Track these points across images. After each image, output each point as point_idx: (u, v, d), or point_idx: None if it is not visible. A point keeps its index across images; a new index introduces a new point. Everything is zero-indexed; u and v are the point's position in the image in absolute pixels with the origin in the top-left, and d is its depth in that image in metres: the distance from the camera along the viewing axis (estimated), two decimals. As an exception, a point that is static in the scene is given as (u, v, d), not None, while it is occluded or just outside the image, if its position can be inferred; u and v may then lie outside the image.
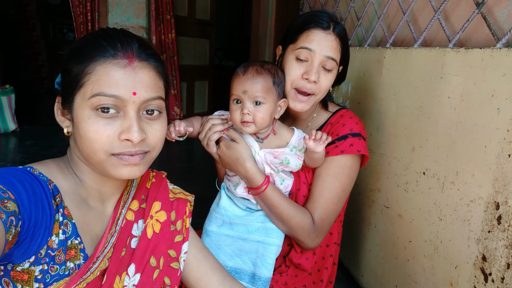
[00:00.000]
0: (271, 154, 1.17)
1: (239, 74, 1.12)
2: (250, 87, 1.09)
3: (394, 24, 1.59)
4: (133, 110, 0.73)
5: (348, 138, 1.20)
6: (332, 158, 1.21)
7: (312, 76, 1.15)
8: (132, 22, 4.07)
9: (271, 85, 1.12)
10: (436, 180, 1.18)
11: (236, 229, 1.24)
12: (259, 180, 1.16)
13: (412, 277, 1.31)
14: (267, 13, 4.00)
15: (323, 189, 1.20)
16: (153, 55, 0.78)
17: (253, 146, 1.18)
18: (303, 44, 1.17)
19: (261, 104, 1.11)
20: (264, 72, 1.12)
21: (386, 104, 1.46)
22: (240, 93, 1.10)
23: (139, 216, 0.89)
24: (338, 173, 1.20)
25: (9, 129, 4.12)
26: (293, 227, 1.18)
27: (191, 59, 4.85)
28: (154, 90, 0.77)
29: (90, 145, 0.73)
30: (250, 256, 1.22)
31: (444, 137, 1.15)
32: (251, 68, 1.12)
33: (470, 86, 1.05)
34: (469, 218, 1.05)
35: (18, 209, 0.64)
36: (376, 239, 1.55)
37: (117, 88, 0.72)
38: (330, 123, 1.27)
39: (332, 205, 1.21)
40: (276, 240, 1.21)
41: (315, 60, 1.16)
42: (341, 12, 2.07)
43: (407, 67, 1.33)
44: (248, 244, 1.23)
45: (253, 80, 1.10)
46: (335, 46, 1.17)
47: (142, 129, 0.75)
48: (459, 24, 1.20)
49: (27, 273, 0.68)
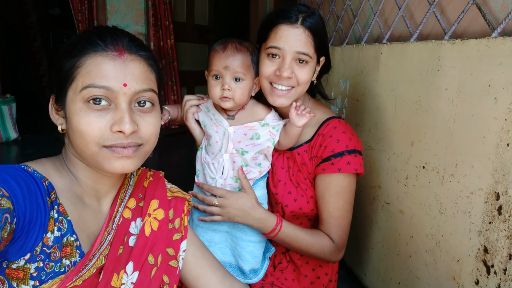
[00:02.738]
0: (241, 130, 1.17)
1: (219, 50, 1.13)
2: (231, 63, 1.11)
3: (390, 20, 1.59)
4: (124, 101, 0.74)
5: (344, 156, 1.18)
6: (330, 177, 1.20)
7: (284, 73, 1.12)
8: (131, 29, 4.08)
9: (250, 62, 1.14)
10: (435, 174, 1.18)
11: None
12: (272, 223, 1.17)
13: (415, 273, 1.29)
14: (265, 16, 4.01)
15: (330, 210, 1.21)
16: (143, 48, 0.79)
17: (223, 123, 1.18)
18: (272, 43, 1.14)
19: (241, 80, 1.13)
20: (243, 49, 1.14)
21: (384, 100, 1.46)
22: (221, 68, 1.12)
23: (136, 214, 0.88)
24: (339, 192, 1.20)
25: (11, 138, 4.13)
26: (315, 254, 1.21)
27: (190, 65, 4.86)
28: (145, 82, 0.77)
29: (82, 138, 0.72)
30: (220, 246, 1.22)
31: (442, 130, 1.14)
32: (231, 44, 1.13)
33: (467, 77, 1.04)
34: (469, 210, 1.04)
35: (13, 206, 0.64)
36: (377, 236, 1.54)
37: (107, 79, 0.72)
38: (322, 134, 1.23)
39: (344, 220, 1.23)
40: (243, 235, 1.20)
41: (286, 57, 1.13)
42: (337, 10, 2.08)
43: (404, 61, 1.33)
44: (217, 235, 1.23)
45: (233, 56, 1.11)
46: (304, 40, 1.12)
47: (134, 121, 0.75)
48: (455, 16, 1.20)
49: (22, 271, 0.68)
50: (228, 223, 1.22)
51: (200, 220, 1.22)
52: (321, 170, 1.20)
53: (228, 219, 1.16)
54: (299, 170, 1.25)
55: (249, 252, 1.18)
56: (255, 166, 1.21)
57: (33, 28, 7.16)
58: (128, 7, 4.07)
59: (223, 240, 1.23)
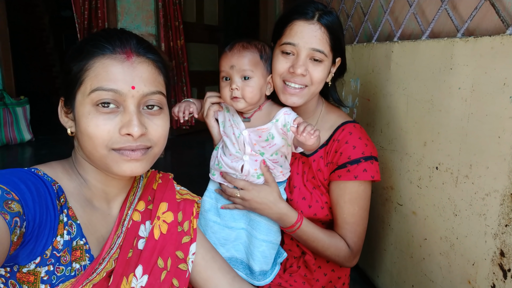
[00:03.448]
0: (255, 133, 1.14)
1: (226, 51, 1.13)
2: (237, 61, 1.09)
3: (401, 17, 1.56)
4: (132, 104, 0.73)
5: (361, 163, 1.16)
6: (345, 184, 1.18)
7: (298, 69, 1.09)
8: (142, 30, 4.10)
9: (258, 59, 1.12)
10: (449, 175, 1.15)
11: (223, 216, 1.23)
12: (293, 219, 1.16)
13: (429, 276, 1.27)
14: (274, 16, 3.99)
15: (344, 216, 1.20)
16: (151, 51, 0.78)
17: (239, 125, 1.16)
18: (287, 39, 1.12)
19: (249, 78, 1.10)
20: (251, 46, 1.12)
21: (395, 99, 1.43)
22: (227, 68, 1.10)
23: (146, 217, 0.88)
24: (354, 198, 1.18)
25: (25, 139, 4.20)
26: (330, 256, 1.20)
27: (200, 65, 4.87)
28: (153, 85, 0.77)
29: (90, 141, 0.73)
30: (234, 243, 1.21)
31: (456, 129, 1.12)
32: (238, 44, 1.12)
33: (481, 75, 1.02)
34: (485, 212, 1.02)
35: (22, 209, 0.64)
36: (390, 238, 1.52)
37: (115, 82, 0.72)
38: (337, 140, 1.20)
39: (359, 226, 1.21)
40: (258, 234, 1.18)
41: (301, 54, 1.11)
42: (347, 9, 2.05)
43: (416, 60, 1.30)
44: (234, 232, 1.22)
45: (239, 54, 1.10)
46: (320, 37, 1.10)
47: (143, 123, 0.74)
48: (467, 13, 1.17)
49: (33, 275, 0.68)
50: (246, 220, 1.22)
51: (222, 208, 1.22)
52: (337, 177, 1.18)
53: (249, 209, 1.17)
54: (313, 176, 1.23)
55: (261, 252, 1.17)
56: (276, 166, 1.19)
57: (45, 30, 7.26)
58: (139, 8, 4.09)
59: (238, 238, 1.22)
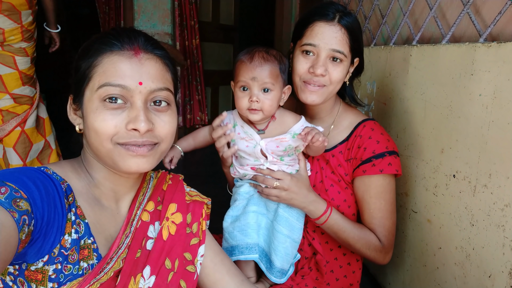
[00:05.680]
0: (273, 143, 1.13)
1: (245, 61, 1.10)
2: (259, 74, 1.07)
3: (420, 20, 1.53)
4: (139, 100, 0.74)
5: (385, 157, 1.16)
6: (370, 178, 1.18)
7: (318, 70, 1.11)
8: (158, 29, 4.13)
9: (278, 72, 1.10)
10: (467, 183, 1.11)
11: (259, 203, 1.22)
12: (324, 205, 1.16)
13: (442, 286, 1.23)
14: (290, 16, 3.98)
15: (371, 211, 1.19)
16: (159, 47, 0.79)
17: (254, 137, 1.15)
18: (307, 40, 1.14)
19: (269, 91, 1.09)
20: (271, 58, 1.10)
21: (413, 103, 1.40)
22: (248, 79, 1.08)
23: (155, 218, 0.87)
24: (380, 192, 1.18)
25: (41, 135, 4.26)
26: (360, 249, 1.19)
27: (215, 64, 4.87)
28: (161, 81, 0.77)
29: (97, 135, 0.73)
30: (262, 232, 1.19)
31: (475, 137, 1.08)
32: (257, 54, 1.09)
33: (504, 82, 0.98)
34: (503, 223, 0.98)
35: (31, 208, 0.64)
36: (403, 245, 1.48)
37: (123, 78, 0.72)
38: (360, 136, 1.21)
39: (387, 220, 1.20)
40: (283, 229, 1.16)
41: (321, 54, 1.12)
42: (365, 11, 2.02)
43: (435, 64, 1.27)
44: (264, 219, 1.21)
45: (261, 66, 1.07)
46: (340, 38, 1.12)
47: (150, 119, 0.74)
48: (490, 17, 1.13)
49: (41, 273, 0.68)
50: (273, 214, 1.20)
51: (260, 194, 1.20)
52: (361, 172, 1.18)
53: (284, 200, 1.15)
54: (332, 171, 1.22)
55: (284, 248, 1.16)
56: (294, 164, 1.20)
57: (63, 28, 7.39)
58: (155, 7, 4.12)
59: (267, 228, 1.21)
